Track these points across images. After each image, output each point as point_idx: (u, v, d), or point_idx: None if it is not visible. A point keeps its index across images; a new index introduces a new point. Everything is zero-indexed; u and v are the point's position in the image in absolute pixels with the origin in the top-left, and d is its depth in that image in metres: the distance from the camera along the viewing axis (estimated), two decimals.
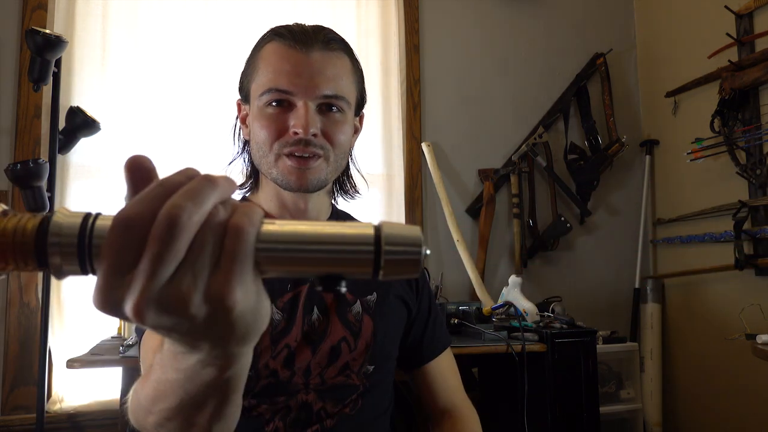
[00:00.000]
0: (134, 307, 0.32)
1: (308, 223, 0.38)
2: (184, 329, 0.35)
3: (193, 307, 0.33)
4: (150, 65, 2.16)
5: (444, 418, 1.02)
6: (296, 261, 0.36)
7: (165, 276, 0.32)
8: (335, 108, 0.86)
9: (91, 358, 1.53)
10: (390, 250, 0.37)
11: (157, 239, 0.31)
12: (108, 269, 0.32)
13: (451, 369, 1.08)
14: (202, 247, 0.33)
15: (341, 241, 0.37)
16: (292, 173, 0.84)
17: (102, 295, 0.33)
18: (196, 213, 0.32)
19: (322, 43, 0.85)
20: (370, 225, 0.38)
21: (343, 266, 0.37)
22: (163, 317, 0.33)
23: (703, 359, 2.40)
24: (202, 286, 0.33)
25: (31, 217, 0.33)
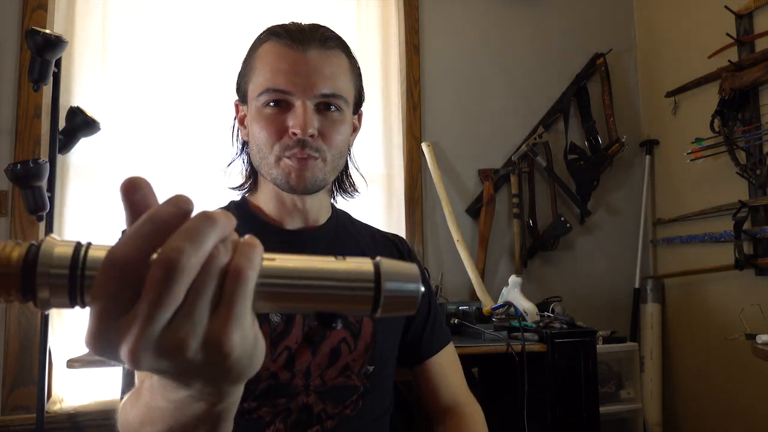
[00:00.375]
0: (130, 352, 0.31)
1: (308, 258, 0.37)
2: (179, 371, 0.34)
3: (190, 353, 0.32)
4: (150, 65, 2.16)
5: (447, 416, 1.01)
6: (296, 297, 0.36)
7: (163, 321, 0.31)
8: (333, 107, 0.86)
9: (91, 358, 1.53)
10: (390, 287, 0.37)
11: (155, 284, 0.30)
12: (101, 312, 0.31)
13: (453, 365, 1.07)
14: (201, 291, 0.32)
15: (342, 278, 0.36)
16: (291, 173, 0.84)
17: (96, 339, 0.31)
18: (195, 255, 0.31)
19: (318, 41, 0.85)
20: (369, 262, 0.38)
21: (342, 303, 0.36)
22: (160, 362, 0.32)
23: (703, 359, 2.40)
24: (200, 331, 0.32)
25: (15, 245, 0.32)
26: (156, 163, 2.13)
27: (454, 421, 1.00)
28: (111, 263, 0.31)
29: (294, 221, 0.93)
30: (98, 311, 0.31)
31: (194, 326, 0.32)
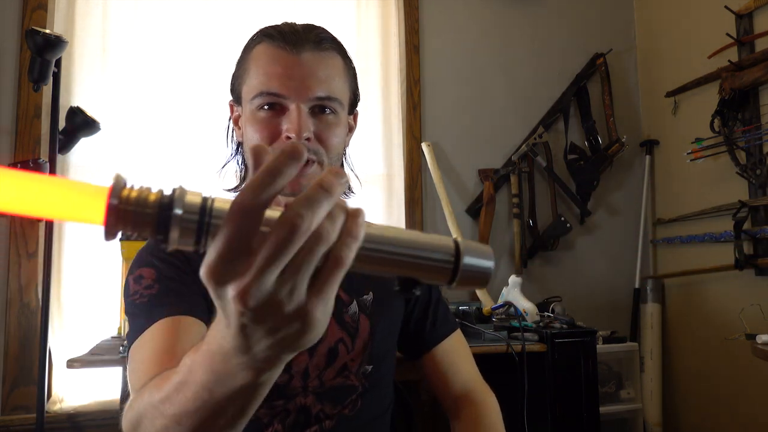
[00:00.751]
0: (241, 291, 0.35)
1: (395, 228, 0.41)
2: (267, 326, 0.37)
3: (286, 309, 0.36)
4: (150, 65, 2.16)
5: (461, 408, 0.98)
6: (383, 261, 0.40)
7: (273, 275, 0.35)
8: (328, 110, 0.85)
9: (91, 358, 1.53)
10: (468, 262, 0.41)
11: (275, 243, 0.34)
12: (223, 250, 0.35)
13: (462, 353, 1.04)
14: (307, 260, 0.36)
15: (426, 248, 0.40)
16: None
17: (213, 271, 0.35)
18: (313, 222, 0.35)
19: (313, 43, 0.84)
20: (449, 238, 0.42)
21: (423, 272, 0.40)
22: (257, 312, 0.36)
23: (703, 359, 2.40)
24: (299, 296, 0.36)
25: (149, 190, 0.36)
26: (155, 163, 2.13)
27: (467, 412, 0.97)
28: (239, 208, 0.34)
29: None
30: (221, 248, 0.35)
31: (295, 289, 0.36)
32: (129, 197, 0.35)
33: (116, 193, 0.35)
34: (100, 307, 2.00)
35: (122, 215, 0.35)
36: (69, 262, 2.00)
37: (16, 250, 1.97)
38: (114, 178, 0.35)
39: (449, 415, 1.01)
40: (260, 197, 0.35)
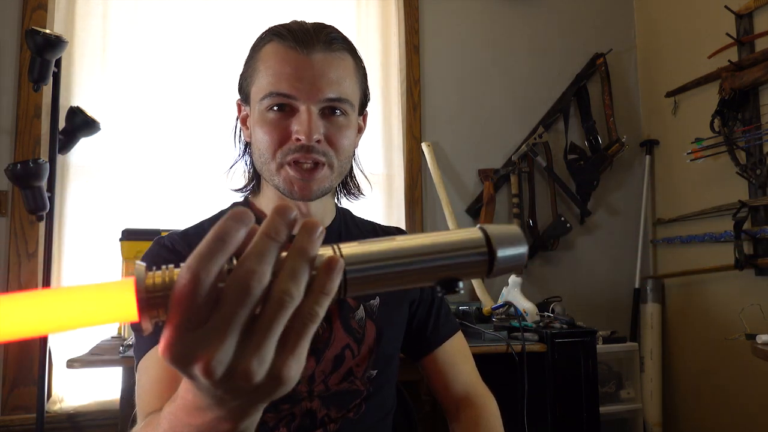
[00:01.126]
0: (203, 369, 0.33)
1: (419, 236, 0.40)
2: (237, 391, 0.36)
3: (256, 376, 0.34)
4: (150, 65, 2.16)
5: (461, 410, 0.98)
6: (422, 272, 0.39)
7: (233, 343, 0.33)
8: (339, 111, 0.83)
9: (91, 358, 1.53)
10: (502, 251, 0.40)
11: (227, 311, 0.33)
12: (175, 327, 0.33)
13: (463, 355, 1.03)
14: (269, 324, 0.34)
15: (457, 248, 0.40)
16: (295, 183, 0.82)
17: (170, 351, 0.34)
18: (265, 278, 0.33)
19: (323, 43, 0.82)
20: (475, 229, 0.41)
21: (459, 270, 0.40)
22: (225, 382, 0.34)
23: (703, 359, 2.40)
24: (268, 359, 0.35)
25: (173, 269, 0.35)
26: (156, 163, 2.13)
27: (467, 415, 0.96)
28: (179, 282, 0.33)
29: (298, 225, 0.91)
30: (171, 327, 0.33)
31: (261, 354, 0.34)
32: (155, 284, 0.35)
33: (141, 286, 0.34)
34: None
35: (154, 303, 0.34)
36: (69, 262, 2.00)
37: (16, 250, 1.97)
38: (135, 269, 0.34)
39: (448, 417, 1.00)
40: (206, 266, 0.33)
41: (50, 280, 1.83)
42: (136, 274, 0.34)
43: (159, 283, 0.34)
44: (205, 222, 0.93)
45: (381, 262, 0.38)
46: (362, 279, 0.38)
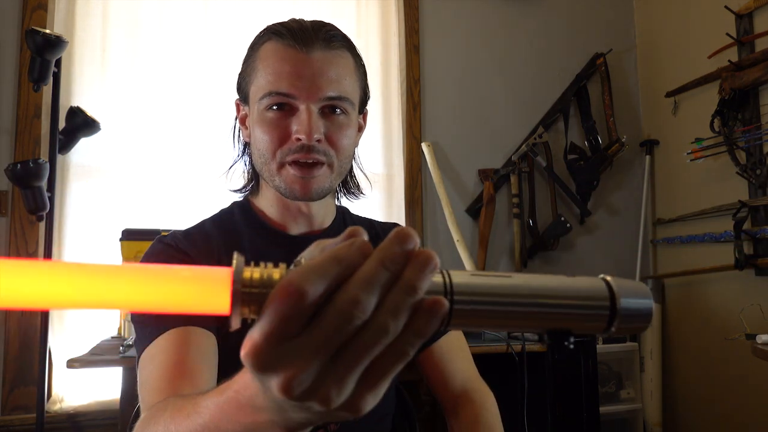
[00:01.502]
0: (283, 384, 0.32)
1: (540, 276, 0.37)
2: (309, 411, 0.34)
3: (333, 404, 0.33)
4: (150, 65, 2.16)
5: (459, 407, 0.96)
6: (534, 317, 0.36)
7: (320, 366, 0.32)
8: (339, 110, 0.82)
9: (91, 358, 1.53)
10: (625, 305, 0.37)
11: (325, 333, 0.31)
12: (270, 332, 0.32)
13: (461, 350, 1.02)
14: (361, 353, 0.32)
15: (576, 296, 0.37)
16: (296, 182, 0.81)
17: (256, 355, 0.32)
18: (370, 308, 0.32)
19: (323, 41, 0.81)
20: (598, 279, 0.38)
21: (575, 322, 0.37)
22: (300, 401, 0.33)
23: (703, 359, 2.40)
24: (350, 387, 0.33)
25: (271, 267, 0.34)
26: (156, 163, 2.13)
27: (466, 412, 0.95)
28: (293, 290, 0.31)
29: (299, 226, 0.90)
30: (268, 331, 0.31)
31: (344, 383, 0.33)
32: (252, 279, 0.33)
33: (238, 278, 0.33)
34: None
35: (250, 299, 0.33)
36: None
37: (16, 250, 1.97)
38: (234, 260, 0.33)
39: (447, 414, 0.99)
40: (314, 285, 0.31)
41: None
42: (234, 265, 0.33)
43: (257, 279, 0.33)
44: (206, 221, 0.92)
45: (491, 298, 0.36)
46: (468, 313, 0.35)
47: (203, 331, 0.76)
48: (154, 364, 0.72)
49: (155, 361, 0.72)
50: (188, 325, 0.75)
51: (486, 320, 0.36)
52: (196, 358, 0.72)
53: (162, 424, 0.51)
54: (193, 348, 0.73)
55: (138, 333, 0.78)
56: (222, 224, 0.90)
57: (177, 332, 0.74)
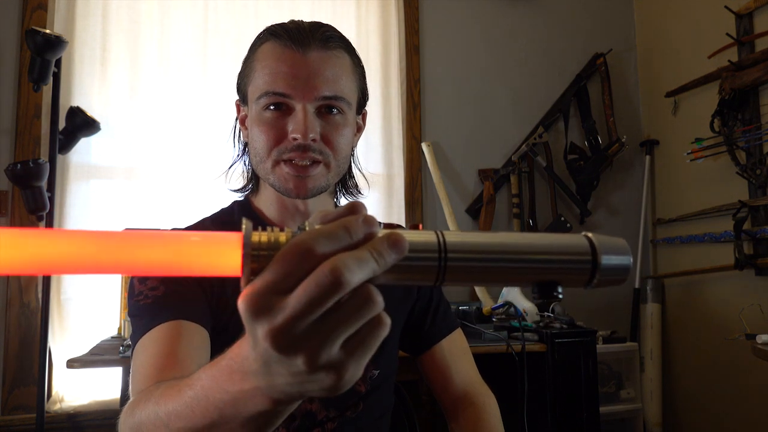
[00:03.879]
0: (269, 332, 0.34)
1: (521, 234, 0.40)
2: (292, 370, 0.36)
3: (317, 361, 0.35)
4: (150, 65, 2.16)
5: (460, 409, 0.96)
6: (521, 271, 0.39)
7: (305, 323, 0.34)
8: (335, 110, 0.83)
9: (91, 358, 1.53)
10: (606, 261, 0.39)
11: (310, 290, 0.33)
12: (268, 282, 0.34)
13: (462, 352, 1.02)
14: (348, 319, 0.35)
15: (560, 251, 0.39)
16: (290, 180, 0.82)
17: (252, 299, 0.34)
18: (356, 280, 0.34)
19: (320, 41, 0.82)
20: (581, 236, 0.40)
21: (559, 275, 0.39)
22: (283, 355, 0.35)
23: (703, 359, 2.40)
24: (334, 351, 0.35)
25: (278, 231, 0.37)
26: (156, 163, 2.13)
27: (467, 414, 0.95)
28: (298, 247, 0.34)
29: (296, 224, 0.91)
30: (265, 280, 0.34)
31: (327, 343, 0.35)
32: (261, 242, 0.36)
33: (248, 241, 0.35)
34: (100, 307, 2.00)
35: (257, 261, 0.35)
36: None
37: None
38: (243, 225, 0.36)
39: (447, 416, 0.99)
40: (323, 246, 0.34)
41: (50, 280, 1.84)
42: (244, 230, 0.35)
43: (265, 242, 0.36)
44: (206, 219, 0.93)
45: (483, 255, 0.38)
46: (462, 269, 0.38)
47: (197, 326, 0.77)
48: (146, 353, 0.73)
49: (147, 351, 0.74)
50: (182, 319, 0.76)
51: (478, 275, 0.39)
52: (188, 350, 0.73)
53: (152, 402, 0.52)
54: (184, 340, 0.74)
55: (133, 325, 0.80)
56: (222, 222, 0.92)
57: (170, 325, 0.75)
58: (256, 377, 0.38)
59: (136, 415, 0.54)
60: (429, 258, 0.37)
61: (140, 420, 0.53)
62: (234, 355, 0.41)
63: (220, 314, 0.83)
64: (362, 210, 0.38)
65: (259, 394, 0.39)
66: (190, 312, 0.77)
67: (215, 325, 0.81)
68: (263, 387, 0.38)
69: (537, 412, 1.79)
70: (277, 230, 0.37)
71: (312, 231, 0.35)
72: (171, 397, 0.48)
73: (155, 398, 0.52)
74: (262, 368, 0.37)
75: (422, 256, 0.37)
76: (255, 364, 0.38)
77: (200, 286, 0.82)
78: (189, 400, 0.45)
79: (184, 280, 0.81)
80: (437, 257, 0.37)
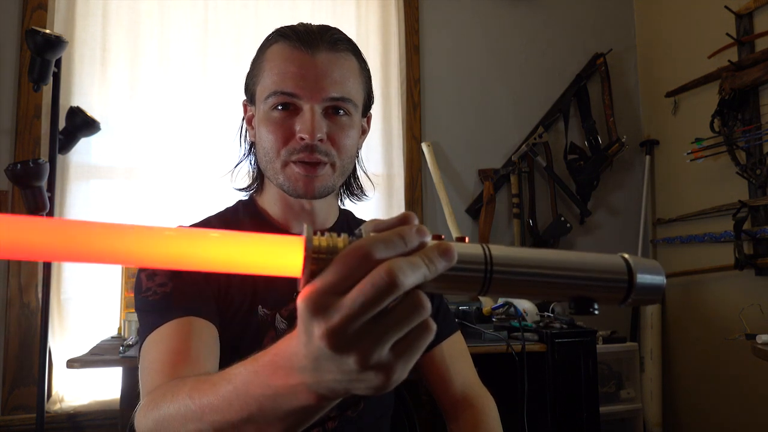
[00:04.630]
0: (326, 332, 0.36)
1: (565, 252, 0.42)
2: (342, 368, 0.37)
3: (369, 361, 0.37)
4: (150, 65, 2.16)
5: (459, 411, 0.97)
6: (560, 286, 0.42)
7: (359, 324, 0.36)
8: (342, 111, 0.84)
9: (91, 358, 1.53)
10: (641, 280, 0.42)
11: (367, 291, 0.35)
12: (328, 282, 0.36)
13: (462, 355, 1.02)
14: (400, 322, 0.37)
15: (598, 269, 0.42)
16: (299, 180, 0.83)
17: (311, 298, 0.36)
18: (409, 283, 0.36)
19: (328, 43, 0.83)
20: (618, 256, 0.43)
21: (596, 292, 0.42)
22: (336, 354, 0.36)
23: (703, 359, 2.40)
24: (384, 351, 0.37)
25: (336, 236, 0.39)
26: (156, 163, 2.13)
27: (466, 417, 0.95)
28: (360, 249, 0.36)
29: (301, 224, 0.90)
30: (326, 280, 0.36)
31: (379, 344, 0.37)
32: (320, 246, 0.38)
33: (309, 245, 0.38)
34: (100, 307, 2.00)
35: (316, 263, 0.38)
36: (69, 263, 2.00)
37: None
38: (305, 230, 0.38)
39: (447, 418, 0.99)
40: (380, 251, 0.36)
41: (50, 280, 1.84)
42: (306, 234, 0.38)
43: (324, 246, 0.38)
44: (211, 218, 0.93)
45: (526, 269, 0.41)
46: (505, 281, 0.40)
47: (206, 322, 0.77)
48: (157, 349, 0.73)
49: (159, 348, 0.74)
50: (192, 316, 0.76)
51: (520, 288, 0.41)
52: (199, 346, 0.73)
53: (183, 396, 0.52)
54: (195, 336, 0.74)
55: (141, 322, 0.80)
56: (227, 221, 0.92)
57: (180, 321, 0.75)
58: (303, 373, 0.39)
59: (162, 409, 0.54)
60: (476, 269, 0.40)
61: (167, 413, 0.53)
62: (279, 351, 0.42)
63: (225, 311, 0.83)
64: (414, 220, 0.40)
65: (305, 390, 0.40)
66: (199, 308, 0.78)
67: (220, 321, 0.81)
68: (310, 383, 0.40)
69: (537, 412, 1.79)
70: (334, 235, 0.39)
71: (370, 237, 0.37)
72: (205, 391, 0.49)
73: (186, 392, 0.52)
74: (312, 364, 0.38)
75: (470, 267, 0.40)
76: (305, 360, 0.39)
77: (208, 283, 0.82)
78: (227, 394, 0.46)
79: (192, 277, 0.81)
80: (483, 269, 0.40)
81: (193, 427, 0.49)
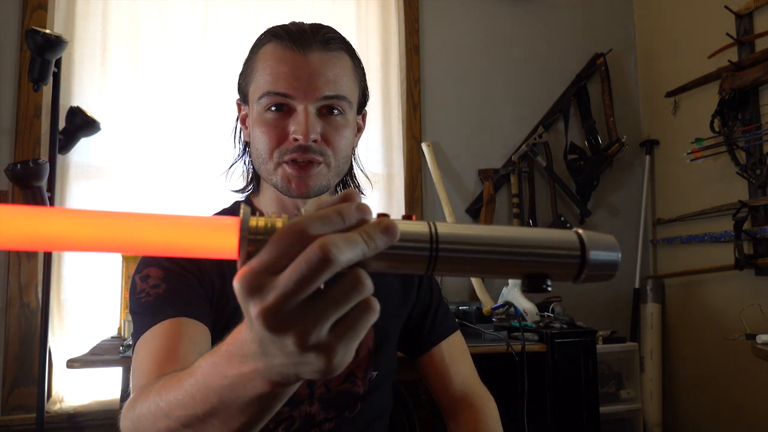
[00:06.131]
0: (261, 311, 0.35)
1: (514, 228, 0.40)
2: (284, 350, 0.36)
3: (307, 341, 0.36)
4: (150, 65, 2.15)
5: (459, 410, 0.97)
6: (508, 263, 0.39)
7: (294, 302, 0.35)
8: (336, 110, 0.84)
9: (91, 358, 1.53)
10: (594, 256, 0.40)
11: (300, 269, 0.34)
12: (262, 262, 0.35)
13: (462, 354, 1.02)
14: (336, 303, 0.36)
15: (550, 245, 0.40)
16: (292, 181, 0.83)
17: (246, 278, 0.35)
18: (345, 260, 0.35)
19: (320, 43, 0.83)
20: (571, 232, 0.41)
21: (548, 269, 0.40)
22: (275, 334, 0.36)
23: (703, 359, 2.40)
24: (323, 332, 0.36)
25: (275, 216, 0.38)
26: (156, 163, 2.13)
27: (466, 416, 0.96)
28: (293, 228, 0.35)
29: None
30: (259, 260, 0.35)
31: (316, 325, 0.35)
32: (258, 227, 0.37)
33: (245, 225, 0.37)
34: (100, 307, 2.00)
35: (254, 244, 0.37)
36: (69, 262, 2.00)
37: (16, 251, 1.97)
38: (241, 211, 0.37)
39: (446, 418, 0.99)
40: (316, 228, 0.35)
41: (50, 280, 1.83)
42: (241, 215, 0.37)
43: (261, 227, 0.37)
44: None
45: (474, 246, 0.39)
46: (452, 260, 0.39)
47: (198, 323, 0.77)
48: (146, 350, 0.74)
49: (147, 348, 0.74)
50: (183, 317, 0.76)
51: (469, 266, 0.39)
52: (188, 347, 0.73)
53: (153, 394, 0.52)
54: (185, 337, 0.75)
55: (135, 323, 0.80)
56: None
57: (171, 322, 0.76)
58: (254, 359, 0.39)
59: (137, 409, 0.54)
60: (421, 248, 0.38)
61: (140, 413, 0.53)
62: (233, 339, 0.41)
63: (221, 312, 0.83)
64: (356, 198, 0.38)
65: (258, 377, 0.40)
66: (191, 309, 0.78)
67: (216, 323, 0.81)
68: (261, 369, 0.39)
69: (537, 412, 1.79)
70: (274, 216, 0.38)
71: (306, 215, 0.36)
72: (172, 387, 0.49)
73: (156, 390, 0.52)
74: (259, 349, 0.38)
75: (414, 245, 0.38)
76: (253, 345, 0.38)
77: (201, 285, 0.82)
78: (189, 388, 0.46)
79: (186, 278, 0.81)
80: (428, 247, 0.38)
81: (163, 425, 0.49)
